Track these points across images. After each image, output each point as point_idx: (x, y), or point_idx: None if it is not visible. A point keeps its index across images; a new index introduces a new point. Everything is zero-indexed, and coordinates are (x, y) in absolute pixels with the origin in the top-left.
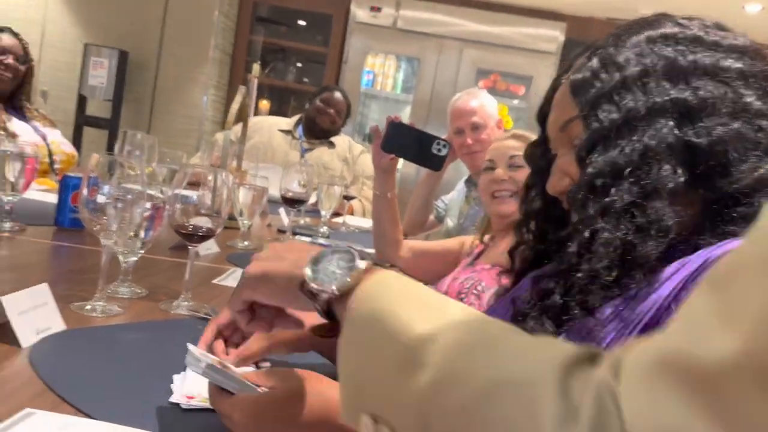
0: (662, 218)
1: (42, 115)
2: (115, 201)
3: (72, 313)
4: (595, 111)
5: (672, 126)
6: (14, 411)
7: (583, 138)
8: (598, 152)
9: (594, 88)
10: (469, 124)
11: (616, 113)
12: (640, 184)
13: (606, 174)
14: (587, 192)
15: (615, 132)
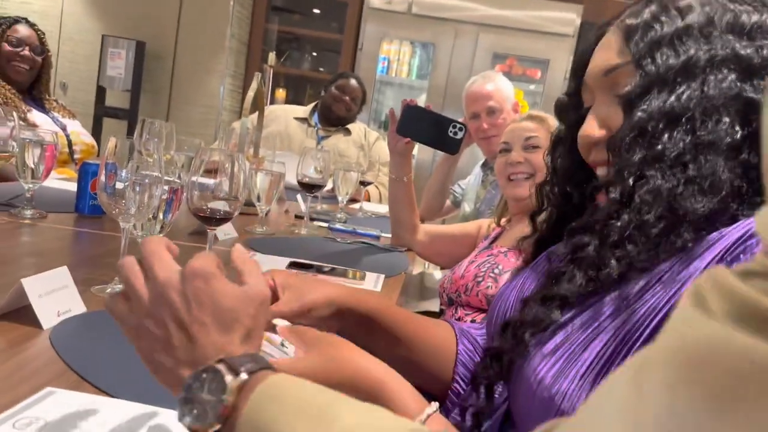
0: (716, 173)
1: (61, 106)
2: (133, 185)
3: (92, 296)
4: (651, 55)
5: (733, 79)
6: (36, 390)
7: (635, 83)
8: (652, 96)
9: (652, 31)
10: (484, 109)
11: (674, 58)
12: (696, 134)
13: (660, 119)
14: (636, 136)
15: (672, 77)
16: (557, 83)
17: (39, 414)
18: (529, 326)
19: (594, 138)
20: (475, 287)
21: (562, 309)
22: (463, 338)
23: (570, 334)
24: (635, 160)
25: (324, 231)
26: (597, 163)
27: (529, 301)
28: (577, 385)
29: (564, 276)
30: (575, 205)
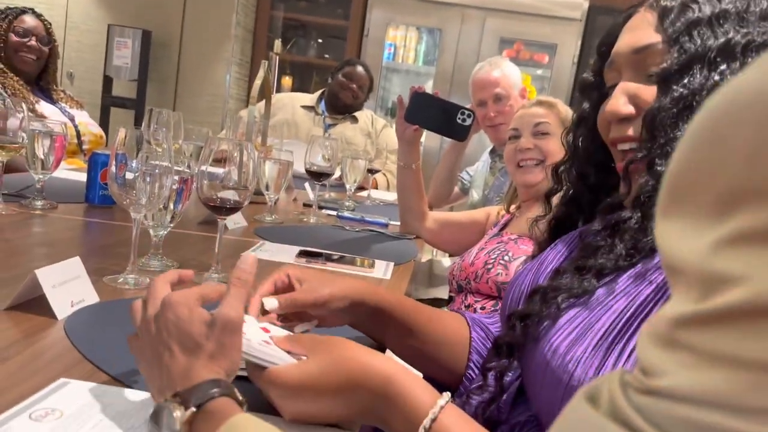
0: None
1: (69, 96)
2: (143, 175)
3: (105, 286)
4: (689, 34)
5: None
6: (51, 380)
7: (672, 59)
8: (694, 73)
9: (689, 11)
10: (491, 96)
11: (713, 39)
12: None
13: (705, 95)
14: (680, 111)
15: (713, 57)
16: (565, 68)
17: (55, 405)
18: (562, 291)
19: (621, 114)
20: (485, 274)
21: (597, 279)
22: (475, 326)
23: (585, 306)
24: (680, 135)
25: (332, 219)
26: (619, 139)
27: (562, 271)
28: (590, 354)
29: (601, 249)
30: (592, 186)
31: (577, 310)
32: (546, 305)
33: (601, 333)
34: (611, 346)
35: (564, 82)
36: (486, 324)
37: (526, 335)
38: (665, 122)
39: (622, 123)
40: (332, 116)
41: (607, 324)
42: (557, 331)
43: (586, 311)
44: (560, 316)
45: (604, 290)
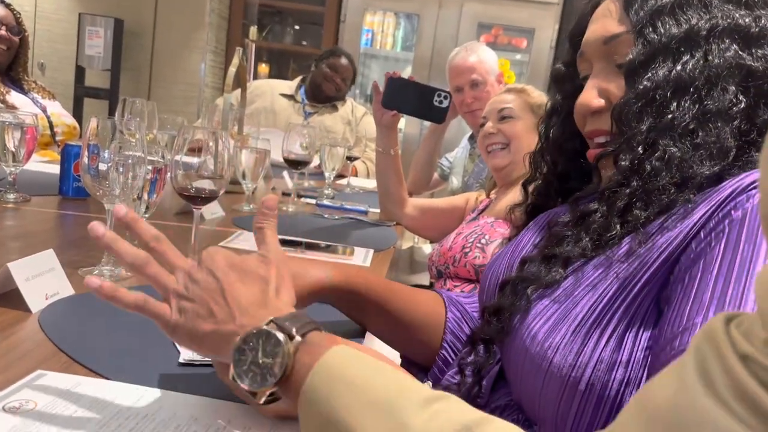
0: (722, 140)
1: (41, 86)
2: (116, 165)
3: (80, 278)
4: (652, 24)
5: (735, 49)
6: (26, 373)
7: (637, 51)
8: (657, 65)
9: (652, 2)
10: (468, 82)
11: (676, 27)
12: (703, 103)
13: (667, 88)
14: (643, 105)
15: (675, 46)
16: (543, 52)
17: (29, 396)
18: (530, 282)
19: (593, 107)
20: (463, 258)
21: (564, 268)
22: (451, 306)
23: (562, 293)
24: (643, 128)
25: (311, 207)
26: (594, 132)
27: (529, 261)
28: (569, 340)
29: (567, 239)
30: (566, 174)
31: (549, 299)
32: (516, 298)
33: (579, 319)
34: (589, 331)
35: (542, 66)
36: (463, 304)
37: (501, 330)
38: (630, 117)
39: (595, 116)
40: (312, 104)
41: (584, 310)
42: (534, 318)
43: (559, 300)
44: (531, 307)
45: (574, 278)
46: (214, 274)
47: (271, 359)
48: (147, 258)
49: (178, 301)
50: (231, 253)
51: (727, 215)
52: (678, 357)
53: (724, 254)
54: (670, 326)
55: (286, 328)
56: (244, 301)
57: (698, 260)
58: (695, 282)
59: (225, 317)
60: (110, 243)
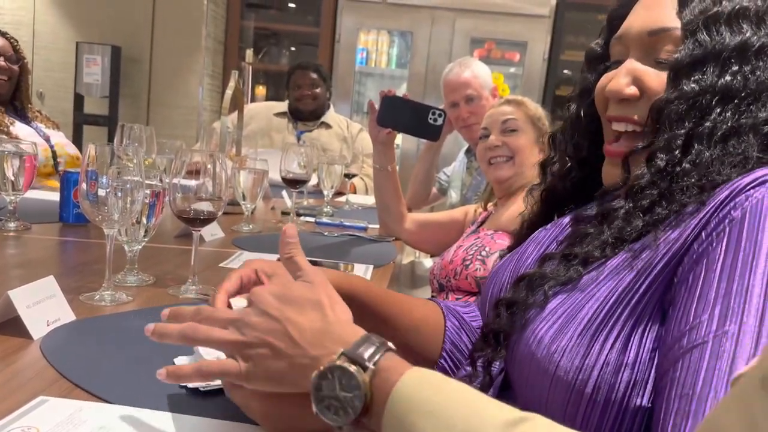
0: (748, 151)
1: (45, 116)
2: (114, 190)
3: (81, 304)
4: (707, 28)
5: None
6: (29, 399)
7: (686, 51)
8: (706, 70)
9: (709, 5)
10: (463, 97)
11: (729, 37)
12: (741, 115)
13: (713, 95)
14: (687, 108)
15: (726, 55)
16: (536, 65)
17: (32, 423)
18: (549, 279)
19: (624, 95)
20: (464, 271)
21: (584, 267)
22: (450, 315)
23: (568, 295)
24: (682, 132)
25: (311, 226)
26: (616, 119)
27: (549, 258)
28: (576, 342)
29: (589, 237)
30: (583, 159)
31: (562, 298)
32: (532, 293)
33: (585, 321)
34: (595, 334)
35: (536, 79)
36: (461, 313)
37: (512, 323)
38: (671, 116)
39: (622, 103)
40: (304, 123)
41: (590, 313)
42: (541, 321)
43: (570, 299)
44: (547, 303)
45: (590, 277)
46: (269, 314)
47: (349, 393)
48: (192, 326)
49: (241, 351)
50: (275, 287)
51: (726, 215)
52: (686, 354)
53: (726, 253)
54: (677, 325)
55: (358, 360)
56: (309, 331)
57: (701, 261)
58: (699, 281)
59: (295, 353)
60: (160, 337)
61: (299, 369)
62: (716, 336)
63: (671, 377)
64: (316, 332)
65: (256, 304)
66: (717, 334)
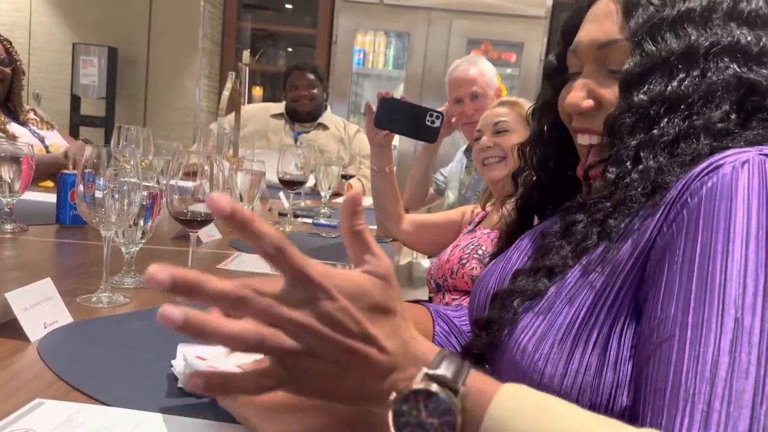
0: (699, 149)
1: (39, 118)
2: (111, 192)
3: (78, 306)
4: (652, 37)
5: (734, 68)
6: (26, 401)
7: (634, 63)
8: (654, 79)
9: (653, 13)
10: (468, 94)
11: (675, 43)
12: (692, 119)
13: (660, 104)
14: (637, 120)
15: (674, 62)
16: (533, 65)
17: (29, 425)
18: (517, 295)
19: (582, 108)
20: (461, 270)
21: (549, 279)
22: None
23: (545, 304)
24: (633, 143)
25: (308, 227)
26: (580, 130)
27: (519, 274)
28: (558, 348)
29: (553, 250)
30: (552, 169)
31: (534, 312)
32: (505, 311)
33: (565, 327)
34: (575, 339)
35: (532, 80)
36: (451, 317)
37: (491, 343)
38: (622, 129)
39: (582, 115)
40: (301, 124)
41: (568, 318)
42: (522, 331)
43: (543, 312)
44: (517, 320)
45: (556, 288)
46: (341, 323)
47: (437, 419)
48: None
49: (296, 362)
50: (347, 283)
51: (684, 204)
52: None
53: (686, 243)
54: (648, 321)
55: (446, 382)
56: (388, 348)
57: (665, 254)
58: (664, 275)
59: (369, 373)
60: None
61: (371, 395)
62: (682, 328)
63: (645, 374)
64: (394, 352)
65: (321, 302)
66: (682, 326)
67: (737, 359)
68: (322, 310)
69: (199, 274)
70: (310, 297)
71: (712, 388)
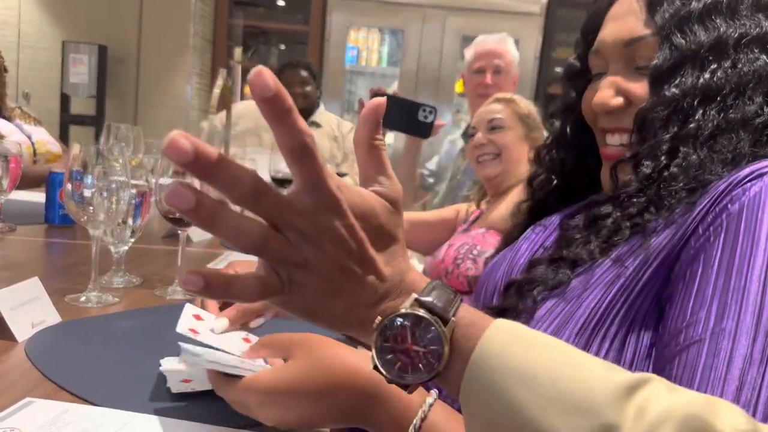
0: (740, 147)
1: (25, 113)
2: (99, 190)
3: (67, 306)
4: (680, 30)
5: (765, 58)
6: (14, 401)
7: (663, 57)
8: (685, 72)
9: (679, 6)
10: (492, 66)
11: (704, 35)
12: (728, 112)
13: (694, 96)
14: (670, 113)
15: (704, 54)
16: (528, 62)
17: (16, 424)
18: (537, 284)
19: (611, 107)
20: (456, 270)
21: (572, 270)
22: None
23: (568, 295)
24: (668, 137)
25: None
26: (609, 130)
27: (537, 263)
28: (573, 343)
29: (576, 241)
30: (570, 172)
31: (555, 301)
32: (522, 299)
33: (582, 321)
34: (592, 335)
35: (527, 77)
36: None
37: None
38: (654, 123)
39: (611, 114)
40: None
41: (585, 314)
42: (538, 322)
43: (564, 302)
44: (537, 309)
45: (580, 280)
46: (343, 241)
47: (423, 348)
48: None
49: (292, 272)
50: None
51: (724, 209)
52: (683, 352)
53: (724, 249)
54: (674, 322)
55: (436, 309)
56: (384, 274)
57: (698, 256)
58: (696, 277)
59: (362, 298)
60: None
61: (360, 316)
62: (713, 333)
63: (668, 374)
64: (389, 277)
65: (329, 214)
66: (714, 332)
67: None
68: (328, 223)
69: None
70: (319, 206)
71: (737, 396)
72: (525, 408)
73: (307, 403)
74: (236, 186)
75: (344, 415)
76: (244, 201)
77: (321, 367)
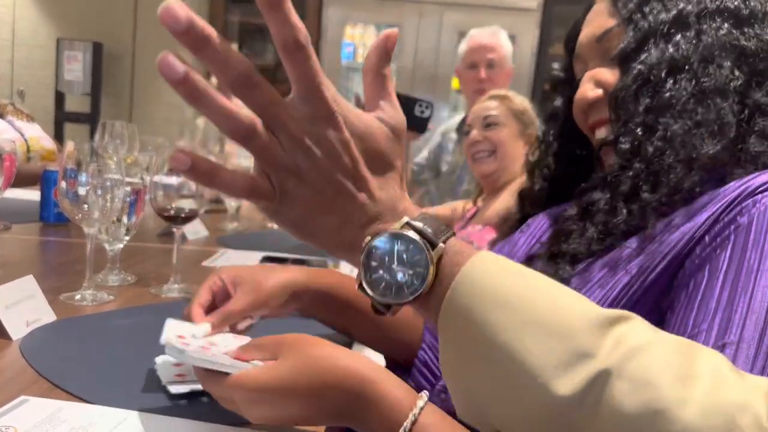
0: (722, 116)
1: (18, 110)
2: (93, 188)
3: (62, 304)
4: (641, 11)
5: (727, 28)
6: (9, 400)
7: (628, 39)
8: (649, 48)
9: None
10: (485, 60)
11: (664, 12)
12: (699, 81)
13: (661, 68)
14: (639, 87)
15: (666, 29)
16: (525, 59)
17: (11, 422)
18: None
19: (589, 98)
20: None
21: (572, 266)
22: None
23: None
24: (641, 109)
25: None
26: (595, 124)
27: (535, 259)
28: None
29: (573, 233)
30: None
31: None
32: None
33: None
34: None
35: (524, 73)
36: None
37: None
38: (627, 100)
39: (593, 108)
40: None
41: None
42: None
43: None
44: None
45: (579, 279)
46: (337, 155)
47: (408, 268)
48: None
49: (283, 180)
50: (357, 120)
51: (732, 221)
52: None
53: (731, 261)
54: (676, 332)
55: (425, 233)
56: (377, 196)
57: (703, 266)
58: (700, 289)
59: (352, 216)
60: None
61: (349, 234)
62: (716, 347)
63: None
64: (384, 200)
65: (324, 125)
66: (717, 345)
67: None
68: (323, 134)
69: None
70: (315, 115)
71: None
72: (500, 331)
73: (298, 402)
74: (228, 66)
75: (334, 415)
76: (236, 85)
77: (313, 366)
